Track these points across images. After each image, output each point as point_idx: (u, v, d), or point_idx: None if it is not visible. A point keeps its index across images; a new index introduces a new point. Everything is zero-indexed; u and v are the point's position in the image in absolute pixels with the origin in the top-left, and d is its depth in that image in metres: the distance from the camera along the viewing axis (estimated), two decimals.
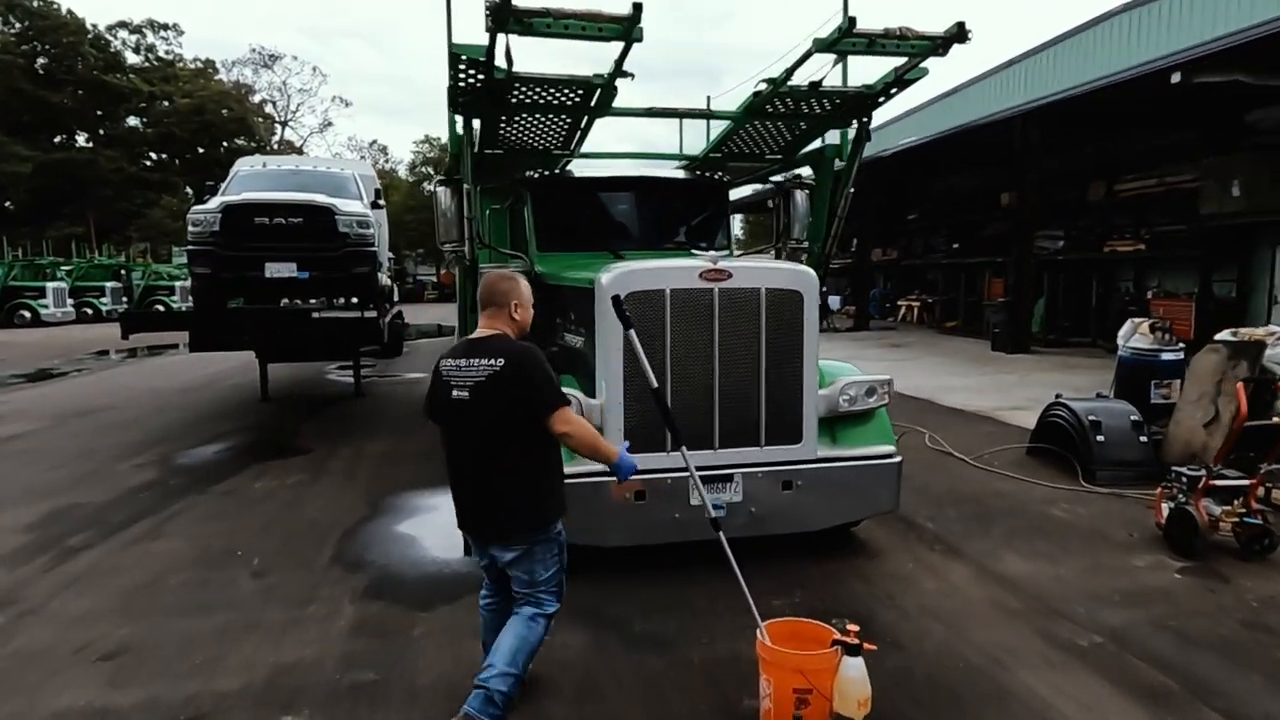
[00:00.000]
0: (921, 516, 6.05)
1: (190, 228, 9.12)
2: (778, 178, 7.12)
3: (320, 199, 9.45)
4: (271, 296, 9.36)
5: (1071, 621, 4.23)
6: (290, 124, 66.02)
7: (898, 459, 5.07)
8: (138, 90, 56.13)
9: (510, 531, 3.19)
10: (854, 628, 3.10)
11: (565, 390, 4.46)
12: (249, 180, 11.07)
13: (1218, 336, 7.14)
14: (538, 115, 5.34)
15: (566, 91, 4.95)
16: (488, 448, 3.12)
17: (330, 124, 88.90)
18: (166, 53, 60.64)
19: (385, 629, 4.25)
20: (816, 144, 6.29)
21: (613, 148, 6.99)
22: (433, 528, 5.83)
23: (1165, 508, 5.38)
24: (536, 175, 6.47)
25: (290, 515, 6.28)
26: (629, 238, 6.49)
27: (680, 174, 6.84)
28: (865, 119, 5.48)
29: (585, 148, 6.87)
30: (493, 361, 3.08)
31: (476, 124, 5.43)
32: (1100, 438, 6.99)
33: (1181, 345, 8.09)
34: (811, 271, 4.93)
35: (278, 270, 9.13)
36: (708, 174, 6.78)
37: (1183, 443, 6.93)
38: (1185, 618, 4.25)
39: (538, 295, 5.94)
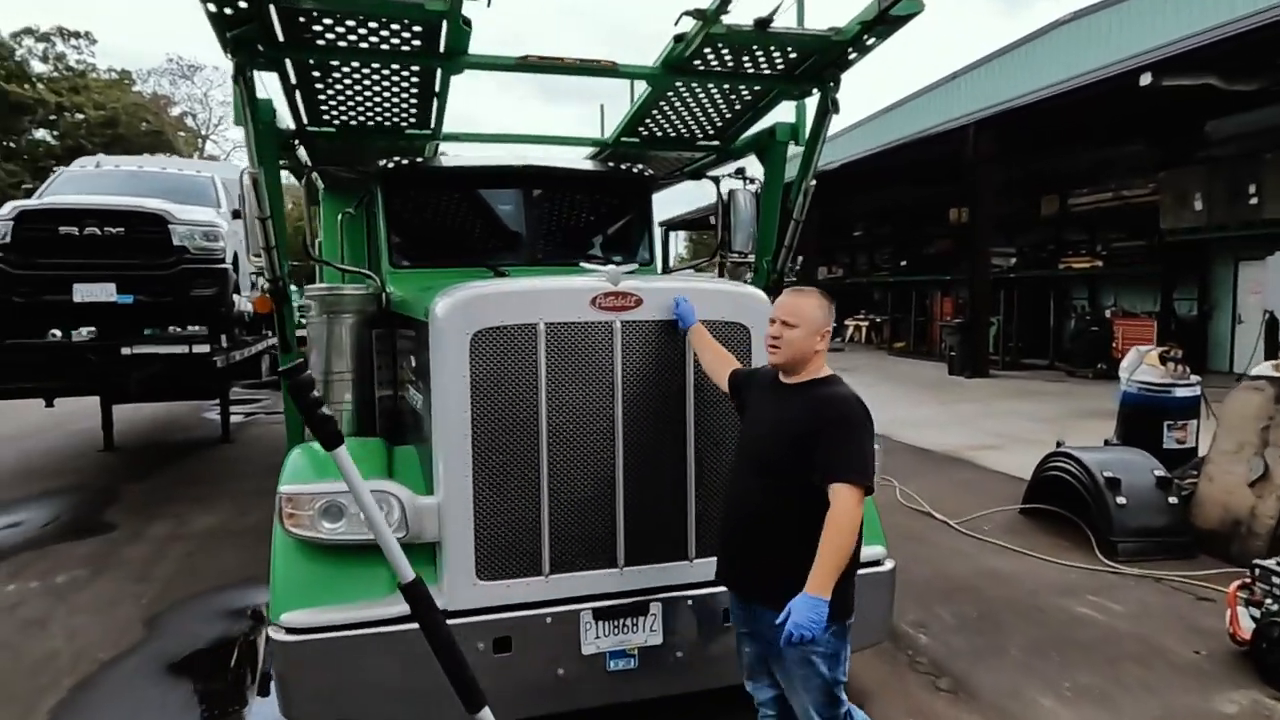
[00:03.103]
0: (909, 622, 4.49)
1: None
2: (716, 173, 5.56)
3: (149, 204, 7.55)
4: (82, 326, 7.40)
5: None
6: (212, 137, 62.70)
7: (889, 565, 3.49)
8: (43, 101, 52.49)
9: None
10: None
11: (381, 487, 2.82)
12: (73, 183, 9.08)
13: (1256, 370, 5.80)
14: (363, 70, 3.67)
15: (392, 28, 3.29)
16: None
17: None
18: (78, 62, 56.99)
19: None
20: (765, 124, 4.75)
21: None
22: (218, 668, 4.05)
23: (1244, 615, 3.93)
24: (390, 165, 4.77)
25: (21, 643, 4.40)
26: (517, 250, 4.83)
27: (588, 164, 5.22)
28: (832, 82, 3.96)
29: (468, 129, 5.22)
30: None
31: (272, 83, 3.73)
32: (1120, 500, 5.56)
33: (1197, 380, 6.76)
34: (760, 294, 3.35)
35: (90, 293, 7.18)
36: (624, 166, 5.18)
37: (1219, 505, 5.54)
38: None
39: (387, 332, 4.27)
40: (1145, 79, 11.45)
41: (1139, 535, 5.47)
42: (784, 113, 4.62)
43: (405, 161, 4.76)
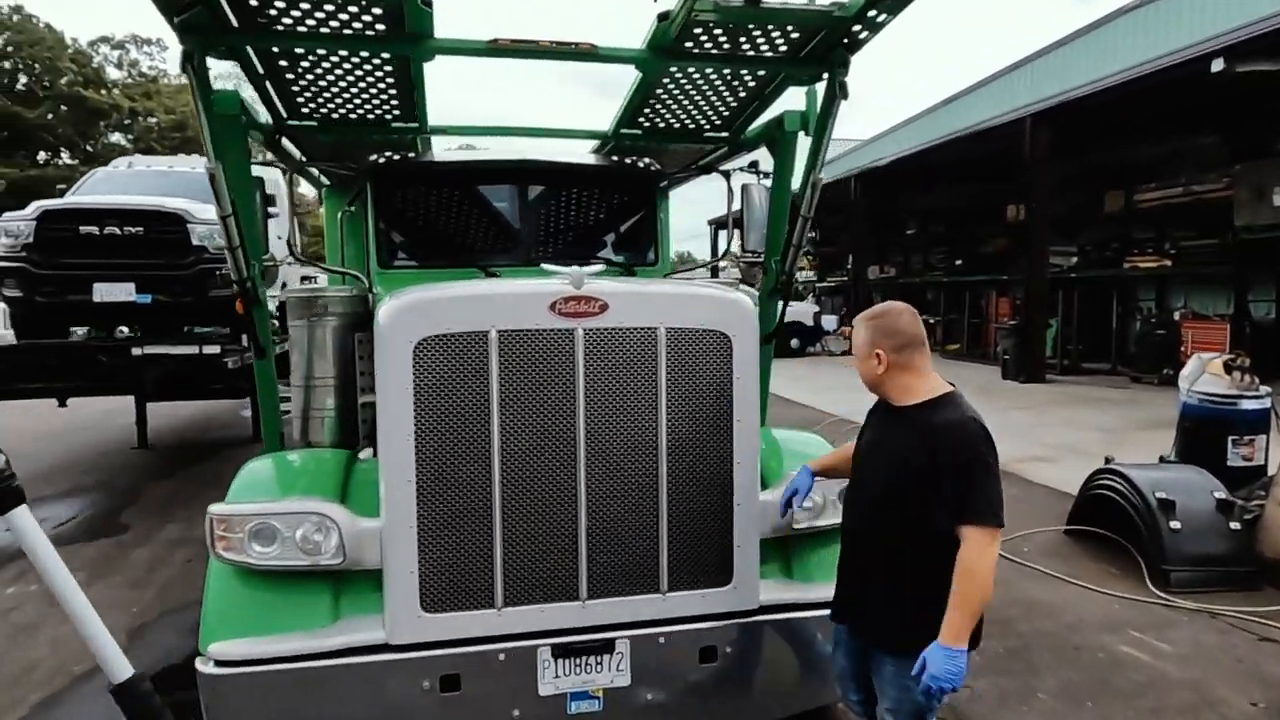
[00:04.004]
0: None
1: (1, 239, 7.19)
2: (727, 167, 5.22)
3: (169, 204, 7.52)
4: (107, 326, 7.40)
5: None
6: None
7: None
8: (118, 106, 54.58)
9: None
10: None
11: (314, 508, 2.59)
12: (106, 183, 9.15)
13: None
14: (329, 59, 3.44)
15: (350, 10, 3.05)
16: None
17: None
18: (150, 68, 59.23)
19: None
20: (776, 112, 4.40)
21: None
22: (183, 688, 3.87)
23: None
24: (381, 160, 4.56)
25: (6, 651, 4.32)
26: (513, 250, 4.57)
27: (590, 159, 4.92)
28: (840, 63, 3.59)
29: (465, 122, 4.97)
30: None
31: (229, 72, 3.52)
32: (1174, 524, 5.04)
33: (1267, 391, 6.15)
34: (745, 299, 3.01)
35: (109, 293, 7.19)
36: (629, 160, 4.88)
37: None
38: None
39: (371, 335, 4.06)
40: (1217, 65, 10.67)
41: (1195, 564, 4.95)
42: (795, 101, 4.25)
43: (396, 157, 4.55)
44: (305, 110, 4.10)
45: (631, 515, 2.83)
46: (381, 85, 3.80)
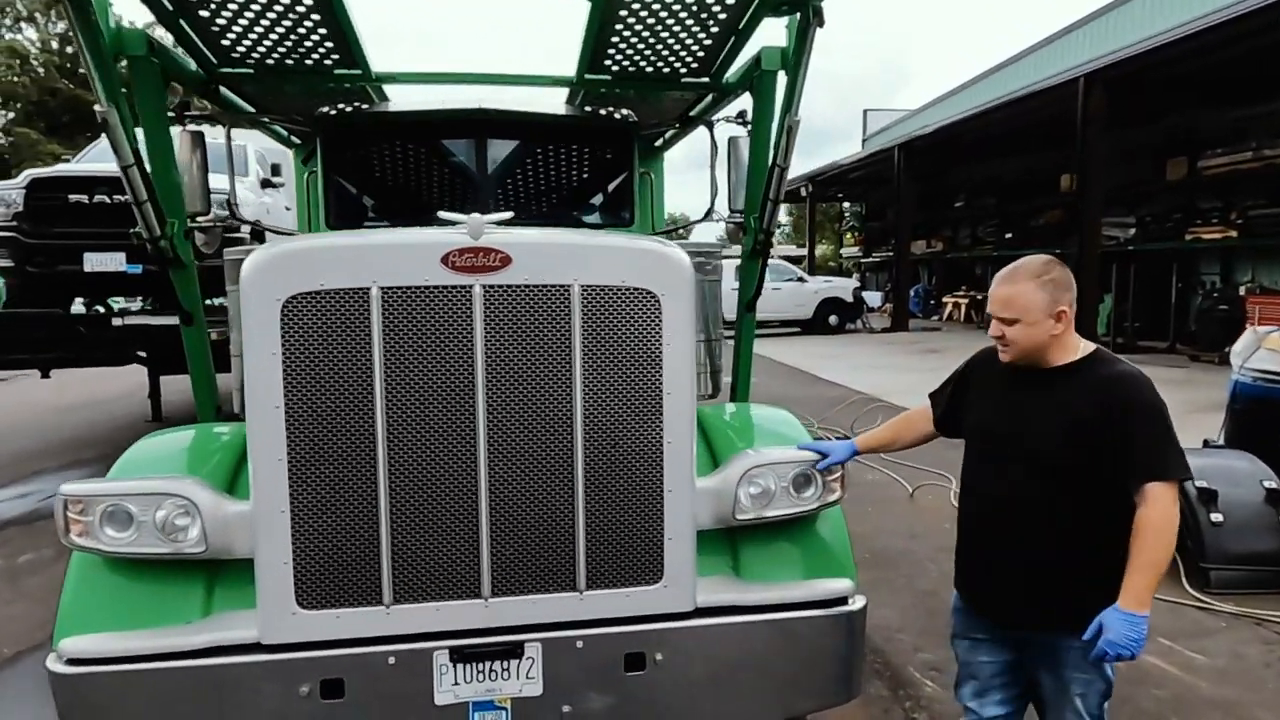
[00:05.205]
0: (920, 664, 3.66)
1: None
2: (718, 118, 4.74)
3: None
4: (99, 296, 7.29)
5: None
6: None
7: (856, 604, 2.69)
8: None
9: None
10: None
11: (169, 488, 2.27)
12: (106, 153, 9.04)
13: None
14: None
15: None
16: None
17: None
18: None
19: None
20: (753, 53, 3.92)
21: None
22: None
23: None
24: (330, 112, 4.22)
25: None
26: (472, 209, 4.17)
27: (561, 109, 4.50)
28: None
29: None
30: None
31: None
32: (1216, 517, 4.48)
33: None
34: (677, 253, 2.59)
35: (100, 262, 7.05)
36: (603, 110, 4.45)
37: None
38: None
39: None
40: None
41: (1238, 562, 4.40)
42: (779, 36, 3.77)
43: (347, 108, 4.21)
44: (235, 55, 3.77)
45: (542, 502, 2.45)
46: (307, 25, 3.45)
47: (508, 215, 2.58)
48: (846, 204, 41.53)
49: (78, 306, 7.36)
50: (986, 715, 2.47)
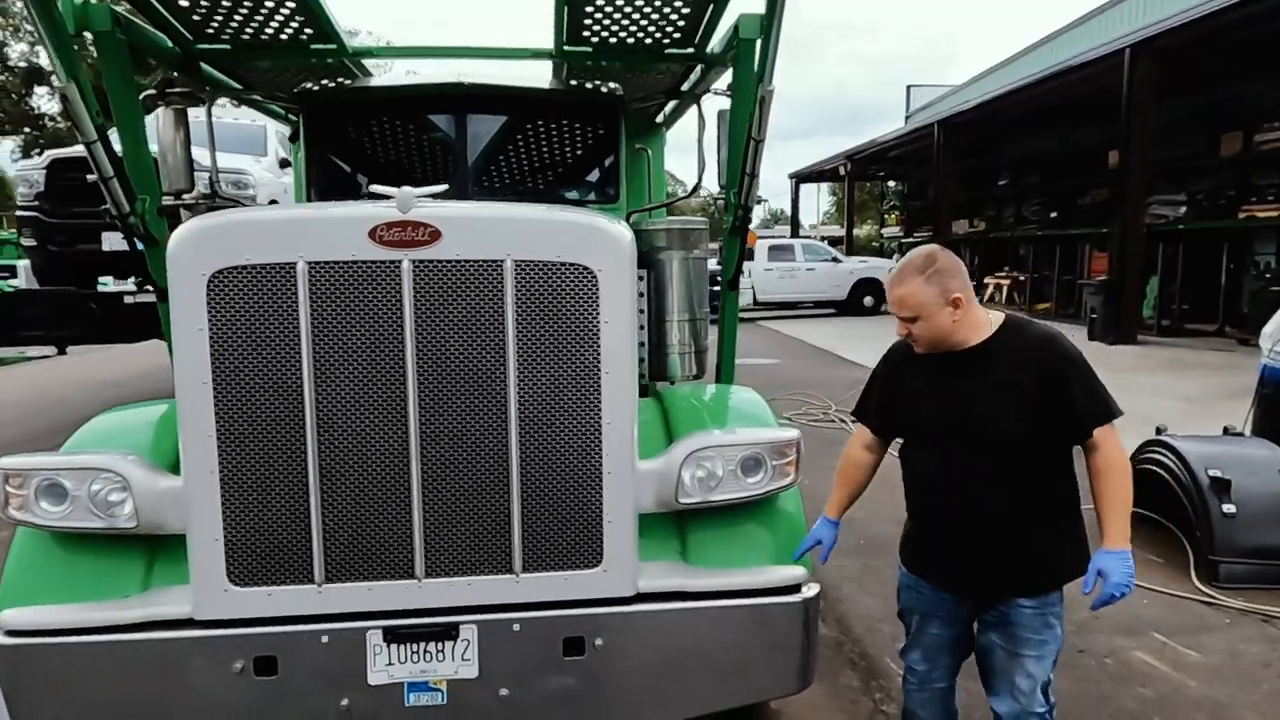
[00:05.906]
0: (896, 655, 3.53)
1: (18, 188, 7.28)
2: (712, 91, 4.60)
3: None
4: (120, 275, 7.43)
5: None
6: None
7: (809, 591, 2.60)
8: None
9: None
10: None
11: (101, 463, 2.27)
12: None
13: None
14: None
15: None
16: None
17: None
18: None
19: None
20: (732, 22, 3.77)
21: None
22: None
23: None
24: (311, 88, 4.20)
25: None
26: (454, 187, 4.14)
27: (544, 84, 4.41)
28: None
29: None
30: None
31: None
32: (1228, 508, 4.27)
33: None
34: (616, 226, 2.51)
35: (117, 241, 7.17)
36: (588, 84, 4.35)
37: None
38: None
39: None
40: None
41: (1250, 555, 4.19)
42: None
43: (328, 84, 4.18)
44: (208, 32, 3.75)
45: (476, 482, 2.41)
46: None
47: (441, 189, 2.52)
48: (891, 183, 40.71)
49: (109, 285, 7.54)
50: (937, 681, 2.53)
